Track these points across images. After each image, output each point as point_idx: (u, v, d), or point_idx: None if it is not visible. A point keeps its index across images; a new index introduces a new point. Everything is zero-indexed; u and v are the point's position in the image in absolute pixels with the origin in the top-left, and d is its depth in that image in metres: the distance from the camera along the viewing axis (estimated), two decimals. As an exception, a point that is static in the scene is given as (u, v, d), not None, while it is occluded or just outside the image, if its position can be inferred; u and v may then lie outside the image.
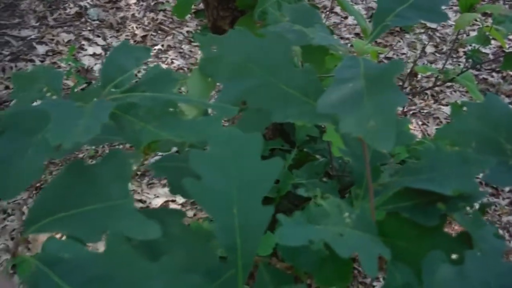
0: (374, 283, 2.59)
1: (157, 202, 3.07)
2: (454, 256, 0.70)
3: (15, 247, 0.61)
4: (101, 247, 0.59)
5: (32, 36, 4.39)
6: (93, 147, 3.34)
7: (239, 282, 0.60)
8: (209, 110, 0.83)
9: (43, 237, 0.59)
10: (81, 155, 3.34)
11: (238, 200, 0.62)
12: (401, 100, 0.67)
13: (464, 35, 4.84)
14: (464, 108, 0.82)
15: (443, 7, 0.84)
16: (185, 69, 4.18)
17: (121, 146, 3.38)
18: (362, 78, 0.71)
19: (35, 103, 0.94)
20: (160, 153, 1.02)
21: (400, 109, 3.39)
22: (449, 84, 4.22)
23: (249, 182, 0.63)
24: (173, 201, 3.12)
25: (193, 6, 2.48)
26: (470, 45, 4.63)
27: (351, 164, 0.81)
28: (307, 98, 0.77)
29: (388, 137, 0.63)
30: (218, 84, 0.85)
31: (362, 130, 0.64)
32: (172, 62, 4.25)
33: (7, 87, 3.85)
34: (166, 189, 3.16)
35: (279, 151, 2.42)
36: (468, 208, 0.74)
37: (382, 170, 0.81)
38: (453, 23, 5.05)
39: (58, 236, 0.63)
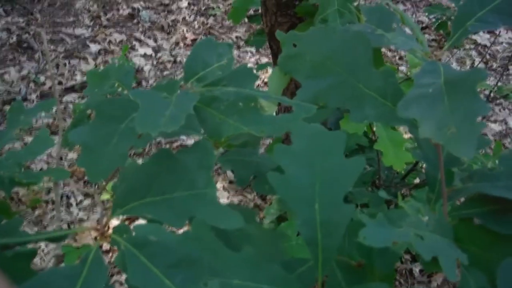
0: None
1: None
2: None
3: (103, 227, 0.63)
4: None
5: (86, 35, 4.51)
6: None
7: (319, 276, 0.61)
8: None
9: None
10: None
11: (320, 195, 0.63)
12: (483, 108, 0.67)
13: (515, 52, 4.75)
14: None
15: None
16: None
17: (167, 146, 3.43)
18: (443, 83, 0.71)
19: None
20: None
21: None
22: (497, 101, 4.15)
23: (331, 178, 0.63)
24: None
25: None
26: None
27: (425, 168, 0.81)
28: (385, 100, 0.77)
29: (469, 144, 0.63)
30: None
31: (442, 136, 0.64)
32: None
33: (60, 83, 3.95)
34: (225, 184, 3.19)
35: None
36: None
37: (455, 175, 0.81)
38: (503, 40, 4.97)
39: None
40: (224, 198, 3.14)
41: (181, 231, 0.67)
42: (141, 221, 0.65)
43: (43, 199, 2.95)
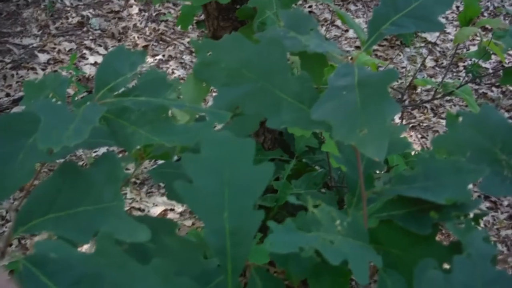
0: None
1: (155, 211, 3.07)
2: (446, 265, 0.69)
3: (4, 247, 0.60)
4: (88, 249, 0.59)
5: (34, 45, 4.41)
6: (93, 154, 3.35)
7: (229, 285, 0.60)
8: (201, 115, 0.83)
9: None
10: (81, 163, 3.34)
11: (229, 204, 0.62)
12: (394, 109, 0.67)
13: (464, 49, 4.86)
14: (460, 118, 0.81)
15: (439, 17, 0.84)
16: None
17: (117, 150, 3.38)
18: (356, 86, 0.71)
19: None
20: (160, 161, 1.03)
21: (398, 122, 3.40)
22: (448, 98, 4.23)
23: (241, 186, 0.62)
24: (172, 209, 3.12)
25: (195, 18, 2.49)
26: (470, 59, 4.65)
27: (345, 171, 0.81)
28: (302, 104, 0.76)
29: (381, 146, 0.64)
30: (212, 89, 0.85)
31: (354, 137, 0.65)
32: (173, 72, 4.27)
33: (8, 95, 3.86)
34: (165, 198, 3.15)
35: (278, 161, 2.42)
36: (462, 218, 0.74)
37: (375, 178, 0.81)
38: (452, 38, 5.08)
39: (46, 237, 0.63)
40: (178, 205, 3.11)
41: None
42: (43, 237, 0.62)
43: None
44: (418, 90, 4.34)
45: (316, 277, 0.75)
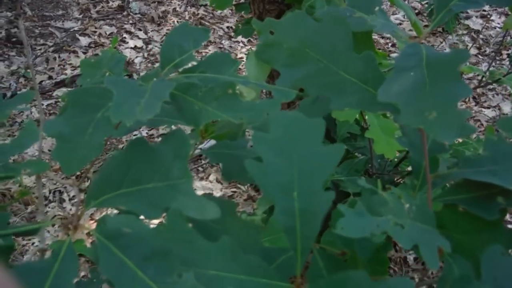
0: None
1: (194, 195, 3.08)
2: (514, 252, 0.68)
3: (77, 221, 0.61)
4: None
5: (75, 28, 4.47)
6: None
7: (298, 265, 0.59)
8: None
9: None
10: (120, 146, 3.38)
11: (298, 183, 0.61)
12: (465, 92, 0.65)
13: (509, 37, 4.74)
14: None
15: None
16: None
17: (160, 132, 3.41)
18: (424, 66, 0.69)
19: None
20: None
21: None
22: (491, 87, 4.13)
23: (310, 166, 0.62)
24: (211, 194, 3.14)
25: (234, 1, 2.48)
26: (513, 46, 4.53)
27: (410, 155, 0.79)
28: (366, 85, 0.75)
29: (450, 129, 0.61)
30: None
31: (423, 120, 0.63)
32: (207, 47, 4.27)
33: (50, 77, 3.93)
34: (204, 182, 3.18)
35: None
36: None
37: (440, 161, 0.79)
38: (496, 25, 4.96)
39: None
40: (217, 190, 3.14)
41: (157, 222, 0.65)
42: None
43: (33, 193, 2.93)
44: (462, 77, 4.25)
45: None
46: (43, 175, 0.94)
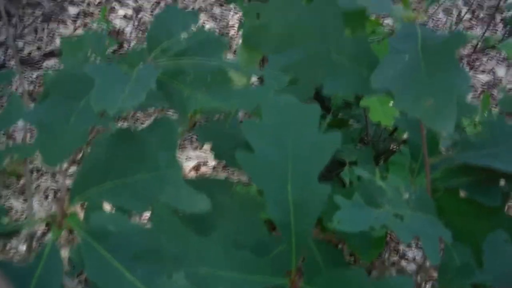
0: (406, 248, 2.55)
1: (189, 165, 3.05)
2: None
3: (62, 216, 0.58)
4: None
5: (64, -3, 4.36)
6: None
7: (293, 261, 0.57)
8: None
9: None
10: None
11: (292, 175, 0.58)
12: (463, 79, 0.62)
13: (502, 1, 4.66)
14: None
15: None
16: (217, 31, 4.12)
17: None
18: (420, 50, 0.65)
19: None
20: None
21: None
22: (483, 51, 4.08)
23: (305, 155, 0.58)
24: (205, 163, 3.11)
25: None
26: (509, 10, 4.46)
27: (408, 136, 0.76)
28: (360, 68, 0.72)
29: (448, 118, 0.58)
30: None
31: (419, 109, 0.60)
32: (204, 25, 4.19)
33: (39, 48, 3.84)
34: (198, 152, 3.14)
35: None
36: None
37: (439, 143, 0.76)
38: (491, -11, 4.87)
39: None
40: (211, 159, 3.10)
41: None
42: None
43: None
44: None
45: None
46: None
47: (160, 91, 0.68)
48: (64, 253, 0.61)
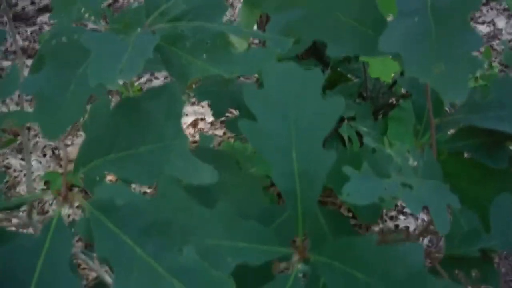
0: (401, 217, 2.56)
1: (186, 120, 3.05)
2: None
3: (65, 190, 0.58)
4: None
5: None
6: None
7: (299, 230, 0.57)
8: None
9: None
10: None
11: (297, 142, 0.57)
12: (475, 42, 0.60)
13: None
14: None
15: None
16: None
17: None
18: (429, 11, 0.63)
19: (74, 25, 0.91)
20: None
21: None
22: (484, 1, 4.01)
23: (309, 123, 0.57)
24: (203, 119, 3.10)
25: None
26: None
27: (412, 97, 0.75)
28: (365, 28, 0.70)
29: (460, 85, 0.57)
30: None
31: (428, 75, 0.58)
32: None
33: (32, 2, 3.77)
34: (195, 107, 3.13)
35: (311, 71, 2.34)
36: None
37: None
38: None
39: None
40: (209, 115, 3.09)
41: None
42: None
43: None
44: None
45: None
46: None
47: (158, 56, 0.66)
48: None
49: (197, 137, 2.93)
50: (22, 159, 2.83)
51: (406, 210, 2.32)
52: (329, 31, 0.70)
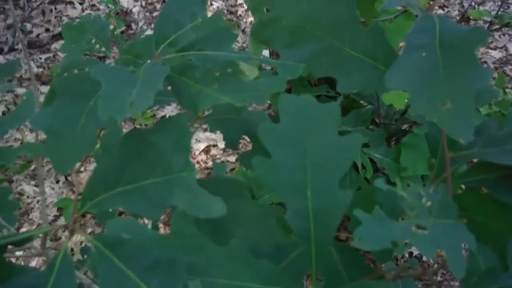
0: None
1: (199, 147, 3.05)
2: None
3: (73, 224, 0.57)
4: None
5: (70, -23, 4.31)
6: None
7: (313, 270, 0.55)
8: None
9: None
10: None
11: (312, 181, 0.55)
12: (483, 79, 0.58)
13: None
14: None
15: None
16: (225, 11, 4.07)
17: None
18: (438, 46, 0.62)
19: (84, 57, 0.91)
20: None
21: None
22: (497, 26, 4.01)
23: (325, 160, 0.56)
24: (215, 145, 3.10)
25: None
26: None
27: (427, 131, 0.73)
28: (376, 62, 0.69)
29: (467, 124, 0.56)
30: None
31: (435, 112, 0.57)
32: (212, 4, 4.14)
33: (47, 30, 3.82)
34: (208, 134, 3.13)
35: (324, 98, 2.34)
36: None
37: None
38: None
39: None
40: (221, 141, 3.08)
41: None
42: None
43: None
44: (471, 22, 4.12)
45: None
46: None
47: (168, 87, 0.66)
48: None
49: (209, 164, 2.93)
50: (35, 186, 2.83)
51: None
52: (339, 67, 0.69)
